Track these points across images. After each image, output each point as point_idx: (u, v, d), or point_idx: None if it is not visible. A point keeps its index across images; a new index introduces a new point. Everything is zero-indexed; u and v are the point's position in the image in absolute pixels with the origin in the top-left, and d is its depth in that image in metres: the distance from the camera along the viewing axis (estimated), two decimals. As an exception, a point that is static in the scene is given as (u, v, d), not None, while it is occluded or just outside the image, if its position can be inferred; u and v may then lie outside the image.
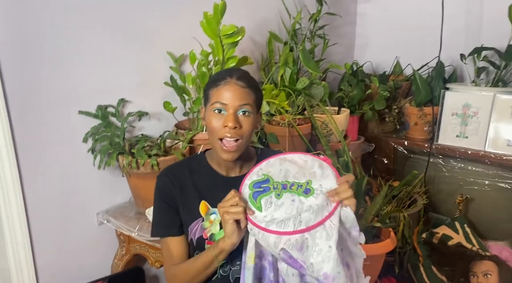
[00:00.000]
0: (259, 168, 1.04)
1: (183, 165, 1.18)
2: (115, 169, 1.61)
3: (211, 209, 1.11)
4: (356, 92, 2.13)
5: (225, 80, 1.03)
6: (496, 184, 2.03)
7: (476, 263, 1.82)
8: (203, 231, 1.09)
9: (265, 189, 0.99)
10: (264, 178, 1.01)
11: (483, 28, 2.28)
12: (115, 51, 1.56)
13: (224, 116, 1.03)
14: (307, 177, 1.00)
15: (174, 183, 1.13)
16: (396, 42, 2.59)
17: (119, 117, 1.56)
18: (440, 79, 2.17)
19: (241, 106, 1.03)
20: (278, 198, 0.97)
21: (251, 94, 1.05)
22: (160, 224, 1.15)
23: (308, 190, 0.97)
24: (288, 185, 0.99)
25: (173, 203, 1.12)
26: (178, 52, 1.72)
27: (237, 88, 1.03)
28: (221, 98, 1.02)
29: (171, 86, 1.64)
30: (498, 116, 2.00)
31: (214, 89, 1.04)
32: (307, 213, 0.93)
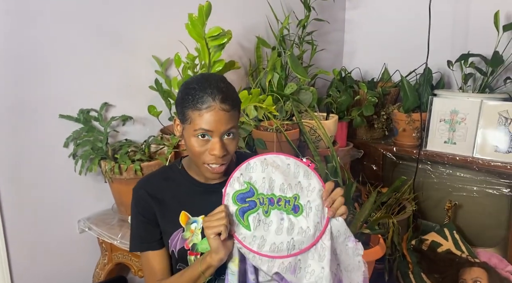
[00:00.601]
0: (239, 173, 0.98)
1: (159, 175, 1.13)
2: (98, 175, 1.56)
3: (192, 218, 1.07)
4: (344, 98, 2.12)
5: (207, 104, 0.93)
6: (484, 190, 2.02)
7: (466, 270, 1.80)
8: (184, 242, 1.05)
9: (251, 205, 0.95)
10: (247, 188, 0.97)
11: (469, 35, 2.29)
12: (98, 55, 1.52)
13: (209, 141, 0.97)
14: (294, 190, 0.98)
15: (151, 194, 1.08)
16: (384, 49, 2.60)
17: (102, 121, 1.51)
18: (428, 86, 2.17)
19: (227, 131, 0.96)
20: (266, 215, 0.95)
21: (235, 113, 0.98)
22: (139, 238, 1.10)
23: (297, 208, 0.96)
24: (275, 200, 0.96)
25: (151, 216, 1.08)
26: (164, 56, 1.69)
27: (223, 114, 0.94)
28: (205, 125, 0.94)
29: (156, 90, 1.61)
30: (486, 122, 2.00)
31: (196, 113, 0.94)
32: (300, 236, 0.93)
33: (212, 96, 0.94)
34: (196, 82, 0.97)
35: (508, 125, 1.94)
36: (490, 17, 2.02)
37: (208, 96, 0.94)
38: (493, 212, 2.06)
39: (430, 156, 2.14)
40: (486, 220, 2.09)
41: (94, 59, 1.51)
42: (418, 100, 2.14)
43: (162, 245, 1.10)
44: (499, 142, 1.97)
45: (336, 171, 1.76)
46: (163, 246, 1.10)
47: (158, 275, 1.08)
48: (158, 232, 1.08)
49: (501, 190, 1.97)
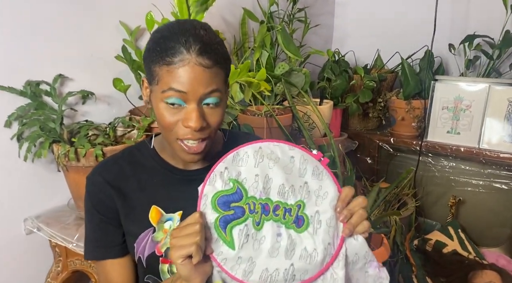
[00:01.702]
0: (223, 166, 0.71)
1: (123, 158, 0.85)
2: (50, 163, 1.28)
3: (165, 215, 0.81)
4: (339, 82, 1.89)
5: (180, 56, 0.67)
6: (492, 184, 1.84)
7: (477, 273, 1.61)
8: (155, 246, 0.79)
9: (237, 212, 0.69)
10: (233, 188, 0.70)
11: (470, 18, 2.12)
12: (52, 16, 1.23)
13: (183, 109, 0.71)
14: (298, 194, 0.71)
15: (111, 184, 0.81)
16: (377, 34, 2.40)
17: (55, 97, 1.23)
18: (429, 70, 1.97)
19: (206, 95, 0.70)
20: (257, 228, 0.68)
21: (220, 73, 0.71)
22: (95, 242, 0.84)
23: (301, 220, 0.69)
24: (270, 207, 0.69)
25: (110, 213, 0.82)
26: (134, 24, 1.41)
27: (201, 70, 0.68)
28: (176, 84, 0.68)
29: (123, 61, 1.33)
30: (493, 109, 1.82)
31: (164, 68, 0.69)
32: (303, 262, 0.67)
33: (187, 46, 0.68)
34: (167, 29, 0.71)
35: (519, 112, 1.77)
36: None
37: (181, 46, 0.68)
38: (498, 209, 1.88)
39: (432, 148, 1.95)
40: (491, 217, 1.92)
41: (46, 21, 1.23)
42: (420, 85, 1.94)
43: (124, 252, 0.84)
44: (508, 131, 1.79)
45: (335, 162, 1.54)
46: (125, 254, 0.84)
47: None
48: (120, 234, 0.83)
49: (509, 185, 1.80)
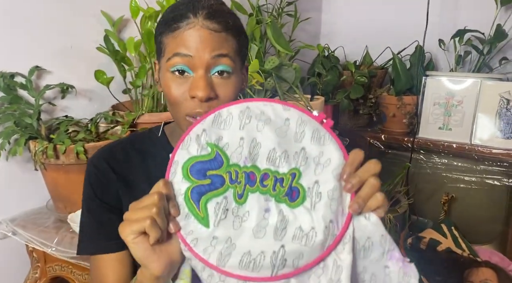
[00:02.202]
0: (201, 127, 0.58)
1: (131, 145, 0.79)
2: (27, 162, 1.19)
3: None
4: (330, 77, 1.85)
5: (186, 20, 0.64)
6: (484, 180, 1.82)
7: (473, 270, 1.58)
8: None
9: (214, 182, 0.56)
10: (212, 154, 0.57)
11: (460, 13, 2.10)
12: (25, 4, 1.15)
13: (190, 79, 0.65)
14: (293, 161, 0.57)
15: (115, 170, 0.74)
16: (365, 29, 2.36)
17: (31, 90, 1.14)
18: (420, 66, 1.94)
19: (214, 60, 0.64)
20: (239, 202, 0.56)
21: (230, 39, 0.66)
22: (91, 235, 0.76)
23: (296, 192, 0.56)
24: (257, 176, 0.56)
25: (112, 200, 0.74)
26: (117, 14, 1.33)
27: (207, 33, 0.63)
28: (181, 47, 0.63)
29: (105, 53, 1.25)
30: (485, 105, 1.80)
31: (170, 35, 0.65)
32: (297, 243, 0.53)
33: (194, 11, 0.64)
34: (177, 3, 0.68)
35: (511, 107, 1.75)
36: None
37: (188, 12, 0.64)
38: (490, 205, 1.87)
39: (423, 144, 1.92)
40: (483, 213, 1.90)
41: (20, 9, 1.14)
42: (411, 80, 1.91)
43: (122, 247, 0.75)
44: (500, 127, 1.77)
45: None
46: (123, 248, 0.75)
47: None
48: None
49: (502, 180, 1.78)
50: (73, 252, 1.02)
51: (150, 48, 1.17)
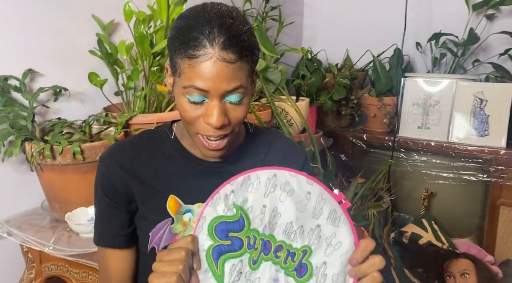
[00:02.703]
0: (230, 188, 0.65)
1: (141, 143, 0.81)
2: (21, 163, 1.20)
3: (184, 206, 0.77)
4: (314, 79, 1.91)
5: (203, 50, 0.63)
6: (461, 176, 1.91)
7: (452, 262, 1.66)
8: (172, 238, 0.76)
9: (233, 244, 0.62)
10: (236, 216, 0.63)
11: (435, 18, 2.20)
12: (21, 8, 1.17)
13: (205, 104, 0.67)
14: (306, 238, 0.63)
15: (126, 168, 0.77)
16: (346, 33, 2.45)
17: (25, 92, 1.16)
18: (399, 68, 2.03)
19: (229, 93, 0.66)
20: (252, 268, 0.62)
21: (244, 66, 0.66)
22: (100, 228, 0.81)
23: (304, 268, 0.61)
24: (272, 246, 0.62)
25: (120, 198, 0.78)
26: (107, 18, 1.36)
27: (224, 65, 0.64)
28: (198, 81, 0.64)
29: (98, 56, 1.28)
30: (460, 104, 1.90)
31: (186, 62, 0.65)
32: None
33: (210, 38, 0.63)
34: (192, 16, 0.66)
35: (484, 107, 1.85)
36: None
37: (204, 39, 0.63)
38: (467, 200, 1.96)
39: (403, 143, 2.00)
40: (460, 208, 1.99)
41: (14, 13, 1.16)
42: (391, 82, 2.00)
43: (127, 244, 0.81)
44: (475, 125, 1.87)
45: (315, 157, 1.55)
46: (128, 246, 0.81)
47: (113, 279, 0.81)
48: (126, 224, 0.79)
49: (478, 176, 1.87)
50: (70, 250, 1.04)
51: (143, 50, 1.20)
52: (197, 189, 0.77)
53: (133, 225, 0.80)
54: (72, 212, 1.10)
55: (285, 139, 0.92)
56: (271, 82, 1.64)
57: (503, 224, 1.87)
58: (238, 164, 0.80)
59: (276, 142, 0.88)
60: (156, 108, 1.33)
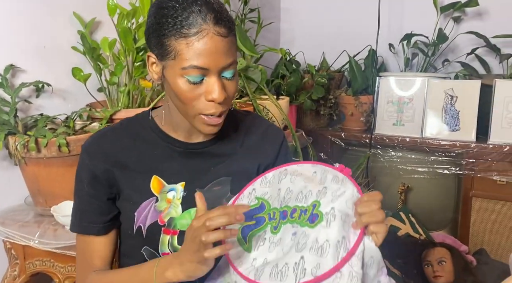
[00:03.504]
0: (251, 187, 0.77)
1: (121, 129, 0.84)
2: (3, 159, 1.19)
3: (167, 185, 0.80)
4: (294, 79, 1.96)
5: (198, 27, 0.66)
6: (435, 170, 1.99)
7: (429, 251, 1.72)
8: (158, 215, 0.79)
9: (258, 222, 0.72)
10: (258, 203, 0.74)
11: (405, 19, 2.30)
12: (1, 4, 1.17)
13: (204, 83, 0.70)
14: (315, 196, 0.69)
15: (109, 153, 0.80)
16: (322, 36, 2.52)
17: (7, 87, 1.15)
18: (373, 68, 2.11)
19: (226, 68, 0.70)
20: (274, 232, 0.69)
21: (234, 41, 0.71)
22: (80, 215, 0.82)
23: (315, 216, 0.66)
24: (288, 212, 0.70)
25: (103, 186, 0.80)
26: (88, 16, 1.37)
27: (219, 40, 0.67)
28: (199, 59, 0.67)
29: (81, 52, 1.28)
30: (432, 101, 1.98)
31: (182, 41, 0.66)
32: (313, 254, 0.62)
33: (202, 15, 0.66)
34: (178, 3, 0.68)
35: (454, 103, 1.94)
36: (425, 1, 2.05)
37: (197, 16, 0.66)
38: (442, 194, 2.04)
39: (380, 140, 2.07)
40: (435, 202, 2.06)
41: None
42: (366, 81, 2.07)
43: (106, 231, 0.83)
44: (446, 120, 1.96)
45: (297, 152, 1.59)
46: (107, 232, 0.83)
47: (97, 264, 0.82)
48: (106, 211, 0.81)
49: (450, 169, 1.95)
50: (57, 243, 1.04)
51: (127, 45, 1.21)
52: (180, 170, 0.81)
53: (112, 213, 0.82)
54: (57, 206, 1.10)
55: (263, 120, 0.96)
56: (252, 80, 1.67)
57: (475, 214, 1.95)
58: (218, 144, 0.85)
59: (254, 123, 0.92)
60: (139, 103, 1.34)
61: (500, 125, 1.85)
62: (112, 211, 0.83)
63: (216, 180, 0.82)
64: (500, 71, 2.02)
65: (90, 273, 0.82)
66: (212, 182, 0.82)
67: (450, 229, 2.07)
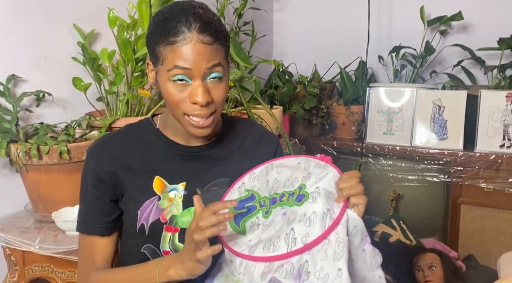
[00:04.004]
0: (241, 182, 0.83)
1: (125, 134, 0.89)
2: (3, 167, 1.22)
3: (169, 186, 0.85)
4: (287, 89, 2.02)
5: (182, 35, 0.72)
6: (425, 178, 2.04)
7: (420, 256, 1.76)
8: (160, 213, 0.83)
9: (250, 209, 0.77)
10: (248, 194, 0.80)
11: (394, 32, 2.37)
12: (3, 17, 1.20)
13: (189, 86, 0.76)
14: (300, 181, 0.75)
15: (113, 155, 0.85)
16: (314, 48, 2.59)
17: (9, 97, 1.18)
18: (364, 79, 2.17)
19: (210, 70, 0.75)
20: (265, 217, 0.75)
21: (220, 49, 0.76)
22: (84, 215, 0.87)
23: (302, 196, 0.72)
24: (277, 198, 0.76)
25: (107, 189, 0.85)
26: (88, 28, 1.41)
27: (202, 47, 0.73)
28: (181, 61, 0.73)
29: (81, 62, 1.32)
30: (421, 111, 2.05)
31: (168, 48, 0.73)
32: (302, 225, 0.68)
33: (187, 24, 0.73)
34: (167, 11, 0.76)
35: (442, 112, 2.01)
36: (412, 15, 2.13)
37: (182, 26, 0.73)
38: (432, 201, 2.09)
39: (371, 148, 2.12)
40: (425, 209, 2.11)
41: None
42: (357, 92, 2.13)
43: (110, 231, 0.88)
44: (434, 129, 2.02)
45: (290, 159, 1.62)
46: (111, 233, 0.88)
47: (99, 263, 0.86)
48: (109, 212, 0.86)
49: (439, 177, 2.01)
50: (57, 248, 1.06)
51: (126, 55, 1.26)
52: (180, 171, 0.86)
53: (114, 214, 0.87)
54: (57, 212, 1.12)
55: (258, 126, 1.03)
56: (247, 90, 1.72)
57: (464, 221, 2.00)
58: (217, 148, 0.90)
59: (250, 128, 0.98)
60: (137, 112, 1.37)
61: (486, 134, 1.91)
62: (114, 212, 0.87)
63: (215, 180, 0.87)
64: (486, 82, 2.09)
65: (91, 271, 0.85)
66: (211, 182, 0.87)
67: (440, 236, 2.11)
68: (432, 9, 2.13)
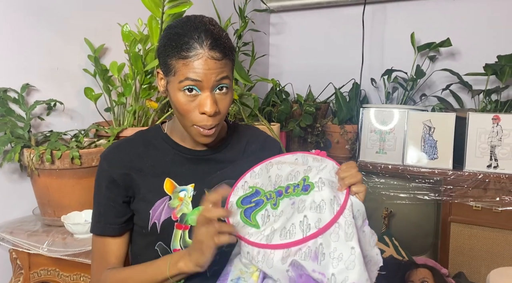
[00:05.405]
0: (243, 181, 0.88)
1: (136, 140, 0.95)
2: (13, 172, 1.25)
3: (179, 187, 0.90)
4: (284, 107, 2.09)
5: (194, 51, 0.78)
6: (416, 196, 2.11)
7: (412, 272, 1.80)
8: (171, 212, 0.88)
9: (257, 203, 0.83)
10: (252, 190, 0.86)
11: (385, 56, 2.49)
12: (20, 29, 1.27)
13: (198, 96, 0.82)
14: (302, 174, 0.82)
15: (125, 159, 0.90)
16: (309, 70, 2.69)
17: (22, 104, 1.23)
18: (357, 99, 2.26)
19: (218, 82, 0.81)
20: (275, 208, 0.80)
21: (228, 63, 0.83)
22: (98, 217, 0.91)
23: (308, 186, 0.79)
24: (283, 190, 0.82)
25: (119, 191, 0.89)
26: (98, 42, 1.47)
27: (213, 63, 0.79)
28: (192, 74, 0.79)
29: (91, 74, 1.38)
30: (412, 131, 2.13)
31: (181, 62, 0.79)
32: (313, 212, 0.75)
33: (199, 41, 0.79)
34: (180, 26, 0.83)
35: (432, 133, 2.09)
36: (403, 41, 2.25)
37: (195, 42, 0.79)
38: (423, 218, 2.14)
39: (364, 166, 2.19)
40: (416, 227, 2.17)
41: (15, 33, 1.25)
42: (351, 112, 2.21)
43: (122, 232, 0.92)
44: (425, 149, 2.10)
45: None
46: (123, 233, 0.92)
47: (112, 262, 0.90)
48: (122, 214, 0.90)
49: (430, 195, 2.07)
50: (65, 250, 1.08)
51: (136, 68, 1.32)
52: (189, 173, 0.91)
53: (126, 215, 0.91)
54: (66, 215, 1.15)
55: (261, 132, 1.09)
56: (247, 106, 1.79)
57: (454, 239, 2.06)
58: (222, 152, 0.97)
59: (254, 134, 1.05)
60: (143, 123, 1.42)
61: (474, 154, 2.00)
62: (126, 213, 0.91)
63: (222, 182, 0.93)
64: (472, 106, 2.20)
65: (104, 270, 0.89)
66: (218, 184, 0.92)
67: (431, 253, 2.16)
68: (422, 35, 2.26)
